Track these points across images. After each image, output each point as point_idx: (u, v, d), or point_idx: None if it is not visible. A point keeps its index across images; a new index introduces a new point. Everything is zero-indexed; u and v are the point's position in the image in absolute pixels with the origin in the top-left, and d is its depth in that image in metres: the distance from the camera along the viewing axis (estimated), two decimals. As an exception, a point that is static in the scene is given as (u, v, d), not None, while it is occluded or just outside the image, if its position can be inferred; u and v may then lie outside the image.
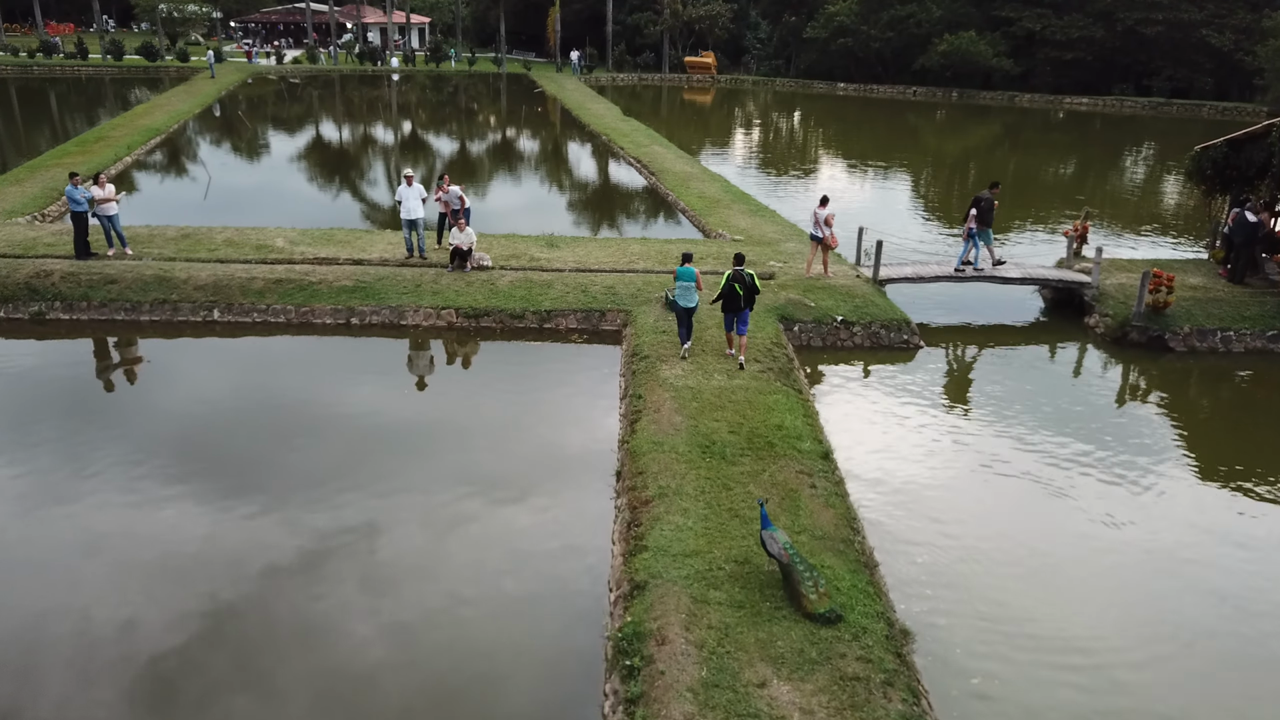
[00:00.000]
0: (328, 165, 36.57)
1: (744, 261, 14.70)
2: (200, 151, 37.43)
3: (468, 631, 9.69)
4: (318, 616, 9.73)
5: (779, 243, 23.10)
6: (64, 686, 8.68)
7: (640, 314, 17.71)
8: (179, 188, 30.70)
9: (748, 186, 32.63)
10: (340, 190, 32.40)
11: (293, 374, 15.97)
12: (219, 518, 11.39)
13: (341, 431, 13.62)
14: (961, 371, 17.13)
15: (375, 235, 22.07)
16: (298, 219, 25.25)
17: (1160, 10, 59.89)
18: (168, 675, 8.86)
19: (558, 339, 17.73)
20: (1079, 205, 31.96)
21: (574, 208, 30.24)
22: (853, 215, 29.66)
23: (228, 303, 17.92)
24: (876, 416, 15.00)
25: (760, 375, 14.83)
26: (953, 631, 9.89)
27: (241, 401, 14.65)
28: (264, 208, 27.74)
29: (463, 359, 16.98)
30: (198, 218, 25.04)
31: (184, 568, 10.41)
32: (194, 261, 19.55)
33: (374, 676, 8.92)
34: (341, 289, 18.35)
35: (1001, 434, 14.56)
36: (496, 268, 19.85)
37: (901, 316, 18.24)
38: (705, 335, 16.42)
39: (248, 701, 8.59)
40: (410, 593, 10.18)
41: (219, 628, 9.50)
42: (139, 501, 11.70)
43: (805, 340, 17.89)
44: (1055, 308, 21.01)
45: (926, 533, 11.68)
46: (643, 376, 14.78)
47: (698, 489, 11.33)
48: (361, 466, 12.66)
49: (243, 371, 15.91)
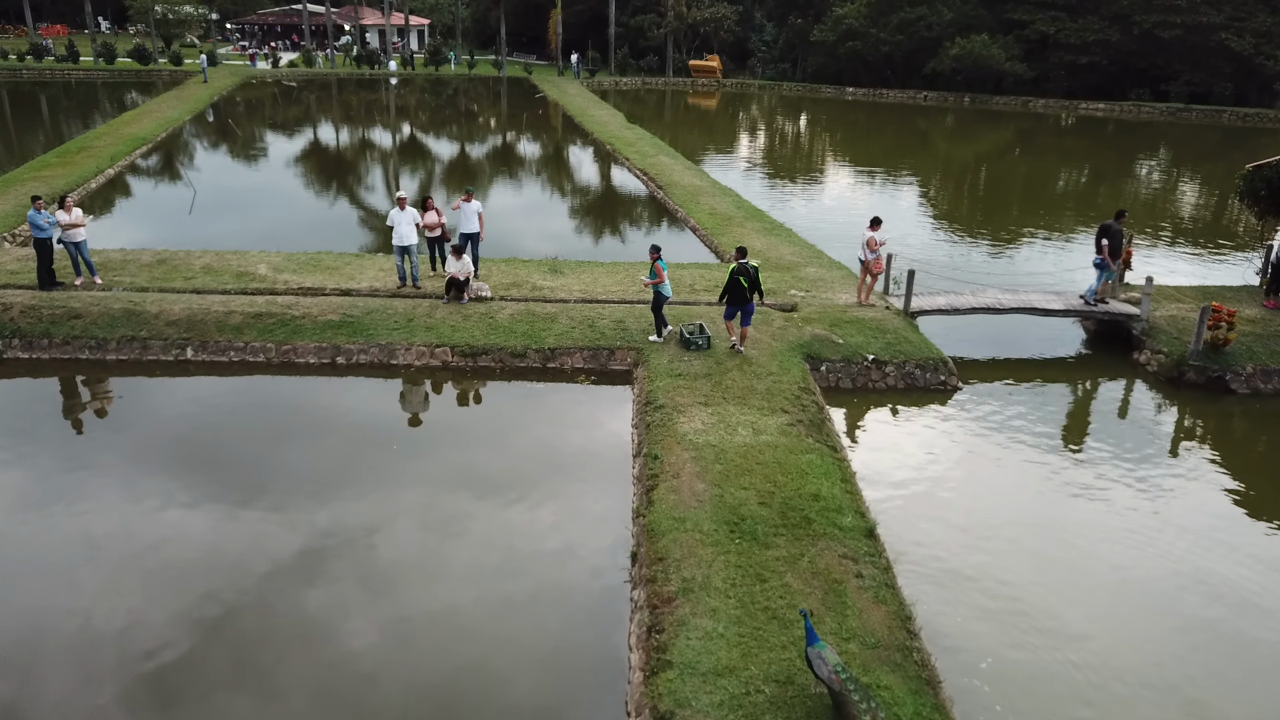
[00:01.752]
0: (319, 177, 35.03)
1: (747, 254, 15.45)
2: (187, 162, 35.88)
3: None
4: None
5: (798, 267, 21.57)
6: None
7: (652, 352, 16.19)
8: (162, 202, 29.15)
9: (759, 198, 31.18)
10: (334, 199, 30.93)
11: (257, 436, 14.24)
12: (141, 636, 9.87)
13: (296, 526, 11.83)
14: (1006, 420, 15.57)
15: (365, 260, 20.53)
16: (284, 238, 23.81)
17: (1178, 13, 58.34)
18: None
19: (562, 379, 16.20)
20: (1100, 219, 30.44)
21: (578, 227, 28.63)
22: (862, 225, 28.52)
23: (202, 340, 16.39)
24: (918, 477, 13.46)
25: (789, 429, 13.31)
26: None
27: (186, 474, 13.13)
28: (250, 224, 26.30)
29: (456, 405, 15.44)
30: (178, 238, 23.63)
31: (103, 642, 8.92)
32: (168, 292, 18.03)
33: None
34: (327, 324, 16.82)
35: (1059, 498, 13.03)
36: (496, 298, 18.34)
37: (937, 355, 16.72)
38: (726, 380, 14.90)
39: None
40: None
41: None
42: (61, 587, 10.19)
43: (834, 381, 16.36)
44: (1098, 340, 19.48)
45: (988, 633, 10.15)
46: (658, 431, 13.26)
47: (727, 581, 9.80)
48: (318, 573, 11.14)
49: (203, 427, 14.32)
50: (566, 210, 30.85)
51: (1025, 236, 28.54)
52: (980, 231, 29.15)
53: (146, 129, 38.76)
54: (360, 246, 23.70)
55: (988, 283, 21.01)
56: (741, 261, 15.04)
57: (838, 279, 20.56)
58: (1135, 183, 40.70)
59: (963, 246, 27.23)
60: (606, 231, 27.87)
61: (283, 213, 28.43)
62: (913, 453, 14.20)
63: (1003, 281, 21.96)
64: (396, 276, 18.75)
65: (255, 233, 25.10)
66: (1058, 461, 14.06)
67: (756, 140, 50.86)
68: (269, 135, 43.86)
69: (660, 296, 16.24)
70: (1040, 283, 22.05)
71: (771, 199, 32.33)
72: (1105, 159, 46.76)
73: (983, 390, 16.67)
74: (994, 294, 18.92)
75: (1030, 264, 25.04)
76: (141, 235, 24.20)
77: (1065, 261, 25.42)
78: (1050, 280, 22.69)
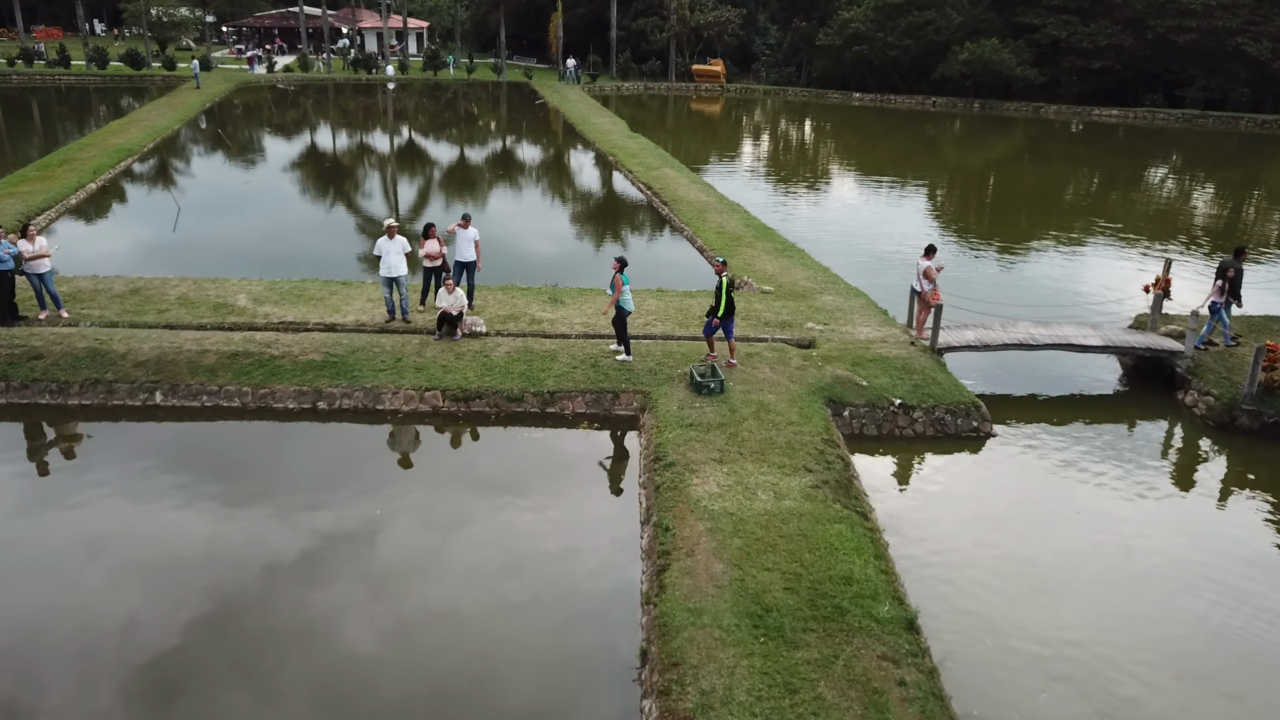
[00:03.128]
0: (309, 191, 33.76)
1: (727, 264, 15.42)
2: (173, 175, 34.58)
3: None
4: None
5: (814, 294, 20.27)
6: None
7: (661, 396, 14.90)
8: (143, 219, 27.87)
9: (767, 212, 29.95)
10: (325, 215, 29.60)
11: (210, 501, 13.01)
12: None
13: (244, 621, 10.69)
14: (1047, 472, 14.26)
15: (353, 289, 19.23)
16: (270, 259, 22.64)
17: (1193, 17, 56.96)
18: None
19: (563, 425, 14.92)
20: (1127, 231, 29.23)
21: (579, 249, 27.10)
22: (879, 239, 27.78)
23: (172, 383, 15.10)
24: (956, 542, 12.17)
25: (814, 492, 12.02)
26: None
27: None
28: (235, 242, 25.09)
29: (445, 459, 14.11)
30: (156, 261, 22.40)
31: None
32: (138, 328, 16.75)
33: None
34: (308, 365, 15.53)
35: (1114, 564, 11.74)
36: (491, 334, 17.06)
37: (969, 399, 15.42)
38: (742, 431, 13.62)
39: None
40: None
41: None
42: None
43: (857, 427, 15.07)
44: (1137, 376, 18.19)
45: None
46: (669, 495, 11.97)
47: (752, 693, 8.52)
48: (273, 669, 9.85)
49: (153, 494, 13.06)
50: (567, 231, 29.18)
51: (1046, 250, 27.24)
52: (997, 243, 27.85)
53: (134, 139, 37.47)
54: (348, 270, 22.39)
55: (1012, 303, 19.76)
56: (728, 275, 15.20)
57: (857, 309, 19.27)
58: (1160, 192, 39.38)
59: (983, 264, 25.94)
60: (609, 254, 26.23)
61: (270, 229, 27.16)
62: (948, 512, 12.92)
63: (1024, 297, 20.73)
64: (385, 309, 17.46)
65: (239, 253, 23.87)
66: (1107, 519, 12.77)
67: (764, 147, 49.52)
68: (260, 145, 42.61)
69: (622, 311, 15.71)
70: (1071, 306, 20.81)
71: (780, 213, 31.03)
72: (1119, 166, 45.45)
73: (1017, 435, 15.39)
74: (1026, 328, 17.62)
75: (1057, 285, 23.75)
76: (118, 258, 22.93)
77: (1088, 275, 24.19)
78: (1078, 301, 21.45)
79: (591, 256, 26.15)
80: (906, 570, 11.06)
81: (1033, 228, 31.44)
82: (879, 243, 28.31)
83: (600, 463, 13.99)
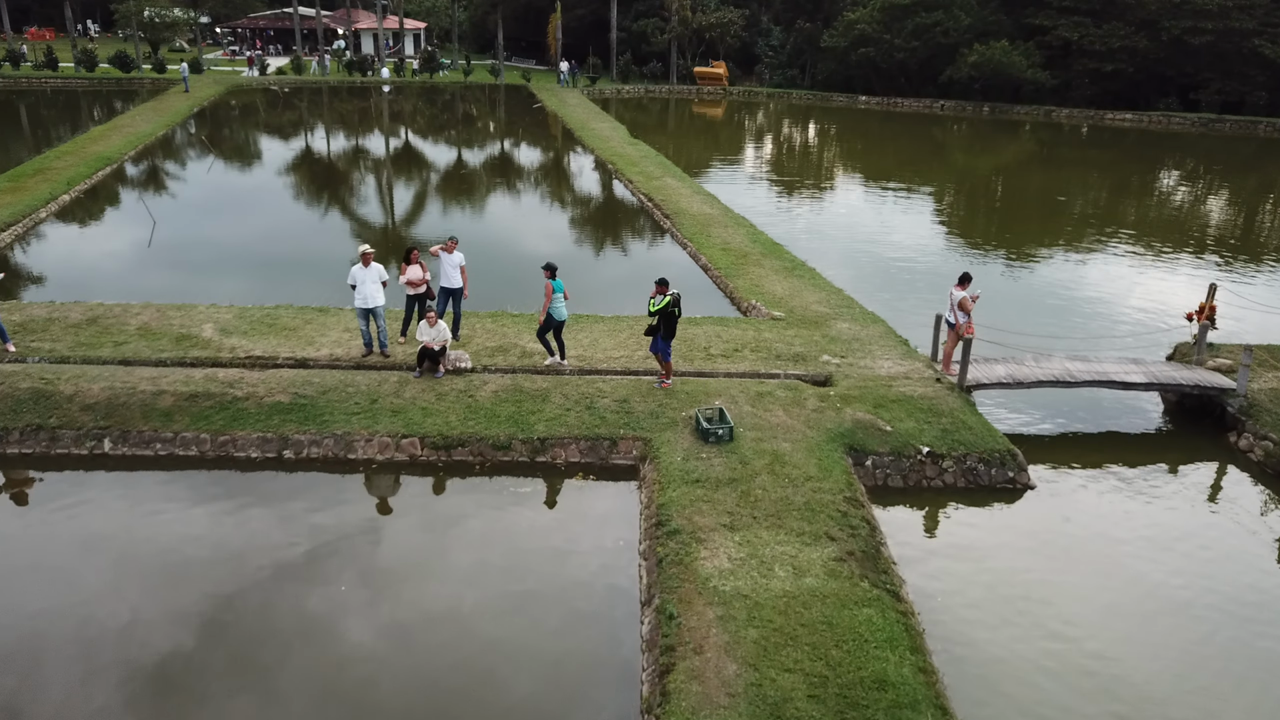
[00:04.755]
0: (292, 203, 32.29)
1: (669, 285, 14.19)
2: (151, 185, 33.06)
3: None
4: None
5: (828, 320, 18.80)
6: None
7: (663, 444, 13.44)
8: (116, 234, 26.42)
9: (773, 223, 28.52)
10: (318, 218, 28.09)
11: (146, 566, 11.61)
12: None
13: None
14: (1095, 535, 12.75)
15: (329, 317, 17.75)
16: (247, 277, 21.30)
17: (1209, 18, 55.44)
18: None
19: (554, 475, 13.46)
20: (1156, 245, 27.73)
21: (575, 269, 25.22)
22: (888, 248, 26.03)
23: (123, 429, 13.64)
24: (1001, 630, 10.67)
25: (838, 567, 10.56)
26: None
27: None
28: (211, 259, 23.71)
29: (420, 519, 12.60)
30: (122, 284, 21.05)
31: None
32: (91, 363, 15.29)
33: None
34: (274, 408, 14.07)
35: (1188, 662, 10.27)
36: (478, 369, 15.60)
37: (1004, 447, 13.95)
38: (755, 488, 12.16)
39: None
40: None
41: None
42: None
43: (881, 479, 13.61)
44: (1181, 414, 16.72)
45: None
46: (673, 571, 10.51)
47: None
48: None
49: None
50: (563, 250, 26.46)
51: (1067, 263, 25.74)
52: (1013, 255, 26.36)
53: (114, 147, 36.02)
54: (328, 291, 20.82)
55: (1036, 327, 18.36)
56: (674, 293, 14.19)
57: (875, 338, 17.80)
58: (1183, 201, 37.86)
59: (1001, 280, 24.42)
60: (607, 275, 24.54)
61: (249, 244, 25.70)
62: (988, 589, 11.42)
63: (1048, 318, 19.29)
64: (361, 342, 16.00)
65: (216, 268, 22.56)
66: (1169, 600, 11.29)
67: (769, 152, 48.01)
68: (247, 151, 41.15)
69: (551, 319, 15.15)
70: (1101, 333, 19.40)
71: (786, 223, 29.60)
72: (1131, 170, 43.98)
73: (1056, 486, 13.93)
74: (1062, 363, 16.16)
75: (1081, 303, 22.29)
76: (81, 280, 21.52)
77: (1114, 290, 22.68)
78: (1107, 323, 20.00)
79: (589, 278, 24.39)
80: (946, 665, 9.59)
81: (1050, 238, 29.94)
82: (888, 252, 27.03)
83: (595, 523, 12.50)
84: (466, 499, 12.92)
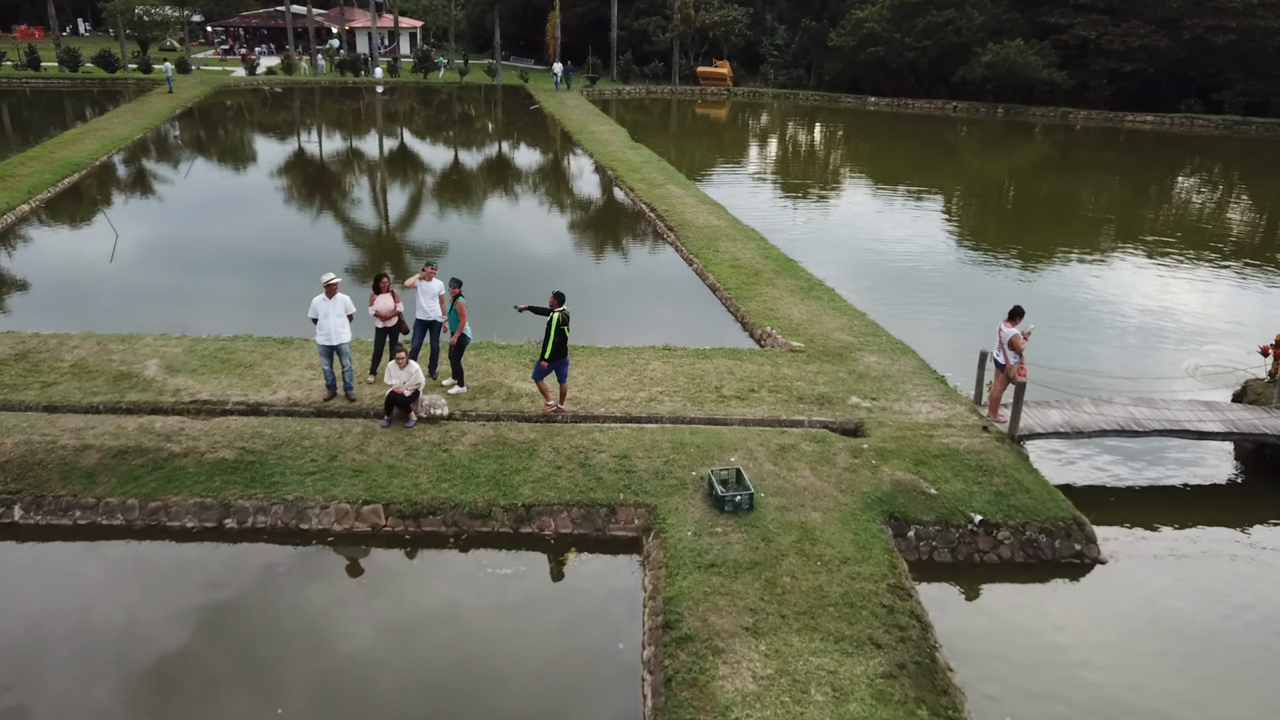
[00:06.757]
0: (269, 214, 30.22)
1: (564, 300, 13.19)
2: (119, 194, 30.97)
3: None
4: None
5: (853, 352, 16.75)
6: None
7: (670, 513, 11.44)
8: (73, 250, 24.37)
9: (783, 231, 26.48)
10: (279, 246, 25.95)
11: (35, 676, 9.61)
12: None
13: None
14: (1186, 619, 10.77)
15: (291, 351, 15.70)
16: (204, 306, 19.28)
17: (1232, 16, 53.32)
18: None
19: (541, 550, 11.44)
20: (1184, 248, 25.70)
21: (570, 292, 23.36)
22: (904, 258, 22.75)
23: (38, 494, 11.64)
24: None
25: (888, 689, 8.54)
26: None
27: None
28: (172, 278, 21.71)
29: (376, 606, 10.53)
30: (67, 308, 19.13)
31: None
32: (11, 409, 13.28)
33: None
34: (216, 466, 12.06)
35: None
36: (455, 415, 13.58)
37: (1068, 513, 11.93)
38: (781, 574, 10.15)
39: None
40: None
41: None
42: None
43: (926, 552, 11.60)
44: (1259, 464, 14.69)
45: None
46: (684, 696, 8.48)
47: None
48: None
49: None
50: (556, 269, 23.90)
51: (1101, 272, 23.68)
52: (1041, 266, 24.28)
53: (84, 152, 33.97)
54: (295, 318, 18.83)
55: (1082, 358, 16.37)
56: (564, 309, 13.08)
57: (908, 374, 15.75)
58: (1223, 209, 35.80)
59: (1036, 299, 22.34)
60: (606, 297, 22.05)
61: (222, 257, 23.65)
62: (1060, 688, 9.42)
63: (1093, 346, 17.27)
64: (324, 383, 13.98)
65: (174, 293, 20.48)
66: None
67: (775, 156, 45.93)
68: (226, 158, 39.10)
69: (464, 340, 13.99)
70: (1158, 367, 17.38)
71: (795, 232, 27.56)
72: (1152, 175, 41.92)
73: (1129, 558, 11.92)
74: (1126, 409, 14.11)
75: (1126, 320, 20.26)
76: (25, 303, 19.59)
77: (1157, 305, 20.58)
78: (1158, 352, 17.93)
79: (584, 303, 21.90)
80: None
81: (1081, 246, 27.84)
82: (904, 262, 25.12)
83: (588, 621, 10.44)
84: (431, 587, 10.84)
